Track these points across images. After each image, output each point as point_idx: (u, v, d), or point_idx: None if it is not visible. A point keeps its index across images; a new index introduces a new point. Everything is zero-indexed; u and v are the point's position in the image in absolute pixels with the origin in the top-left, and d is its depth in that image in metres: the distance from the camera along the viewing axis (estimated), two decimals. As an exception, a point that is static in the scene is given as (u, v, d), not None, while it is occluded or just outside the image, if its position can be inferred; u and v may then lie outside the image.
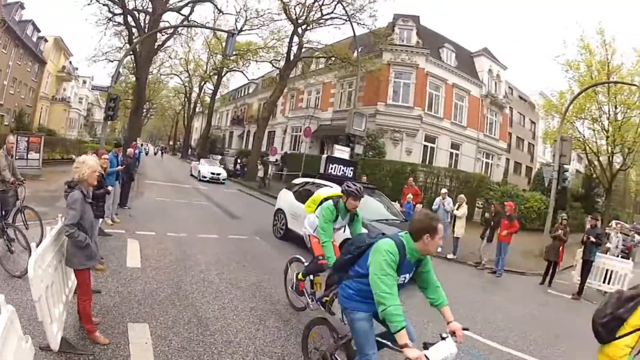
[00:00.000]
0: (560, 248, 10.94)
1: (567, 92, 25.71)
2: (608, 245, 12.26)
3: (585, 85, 22.58)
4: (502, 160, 35.00)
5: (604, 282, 10.79)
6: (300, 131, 31.81)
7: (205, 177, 26.16)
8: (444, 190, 13.65)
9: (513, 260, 12.39)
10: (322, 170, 11.64)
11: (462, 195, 12.99)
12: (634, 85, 19.90)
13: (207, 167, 27.31)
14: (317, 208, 5.78)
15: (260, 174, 27.49)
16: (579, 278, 10.63)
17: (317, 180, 10.90)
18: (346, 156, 15.08)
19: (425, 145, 28.94)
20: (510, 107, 37.14)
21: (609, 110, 25.36)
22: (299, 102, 38.97)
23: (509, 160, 38.15)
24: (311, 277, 5.55)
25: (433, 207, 12.82)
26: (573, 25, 33.06)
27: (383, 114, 27.93)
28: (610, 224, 23.45)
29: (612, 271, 10.76)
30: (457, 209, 12.50)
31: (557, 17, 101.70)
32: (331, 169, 11.60)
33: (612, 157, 26.72)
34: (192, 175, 28.24)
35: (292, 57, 30.31)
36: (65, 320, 3.92)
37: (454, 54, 31.09)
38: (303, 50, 29.77)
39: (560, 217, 11.50)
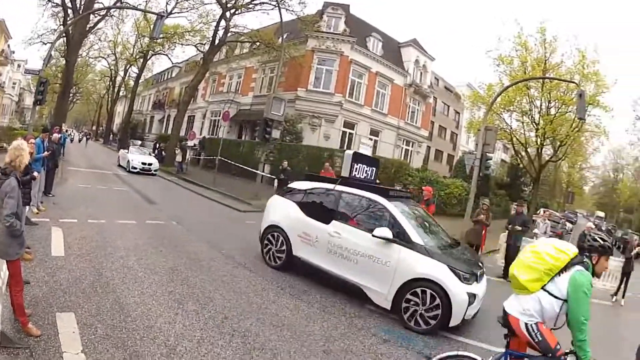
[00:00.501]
0: (483, 232, 11.32)
1: (496, 85, 26.83)
2: (536, 231, 12.93)
3: (516, 80, 23.89)
4: (422, 148, 36.31)
5: None
6: (220, 115, 31.61)
7: (135, 168, 22.88)
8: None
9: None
10: (346, 173, 7.60)
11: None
12: (573, 82, 20.86)
13: (137, 157, 23.98)
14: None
15: (179, 158, 26.97)
16: (503, 261, 11.16)
17: (344, 188, 7.26)
18: (369, 152, 11.30)
19: (344, 131, 29.63)
20: (434, 97, 38.48)
21: (540, 105, 26.75)
22: (220, 86, 38.94)
23: (430, 148, 39.62)
24: None
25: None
26: (511, 23, 35.66)
27: (303, 99, 28.30)
28: (538, 212, 24.96)
29: None
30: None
31: (492, 13, 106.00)
32: (356, 169, 7.83)
33: (542, 149, 28.15)
34: (120, 165, 25.07)
35: (217, 41, 29.79)
36: (1, 314, 3.84)
37: (381, 43, 31.70)
38: (229, 34, 29.30)
39: (482, 202, 11.98)
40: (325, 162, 16.42)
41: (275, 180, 17.46)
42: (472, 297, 5.72)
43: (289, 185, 8.34)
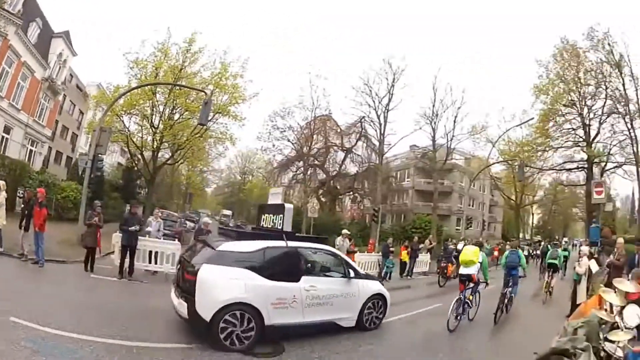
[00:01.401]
0: (98, 235, 11.38)
1: (124, 87, 26.07)
2: (149, 229, 13.28)
3: (143, 83, 24.21)
4: (45, 148, 32.80)
5: (149, 262, 12.06)
6: None
7: None
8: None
9: (53, 250, 12.38)
10: (287, 227, 7.70)
11: (3, 182, 11.76)
12: (203, 91, 21.64)
13: None
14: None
15: None
16: (119, 261, 11.42)
17: (297, 244, 7.31)
18: (278, 199, 9.36)
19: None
20: (65, 94, 35.80)
21: (164, 110, 27.52)
22: None
23: (52, 149, 36.47)
24: None
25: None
26: (164, 31, 35.90)
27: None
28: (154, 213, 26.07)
29: (158, 252, 12.16)
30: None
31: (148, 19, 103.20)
32: (263, 219, 8.59)
33: (158, 153, 29.03)
34: None
35: None
36: None
37: (40, 30, 27.97)
38: None
39: (95, 205, 12.32)
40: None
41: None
42: None
43: (222, 249, 6.58)
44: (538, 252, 29.60)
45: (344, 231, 15.81)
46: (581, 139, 31.62)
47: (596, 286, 9.78)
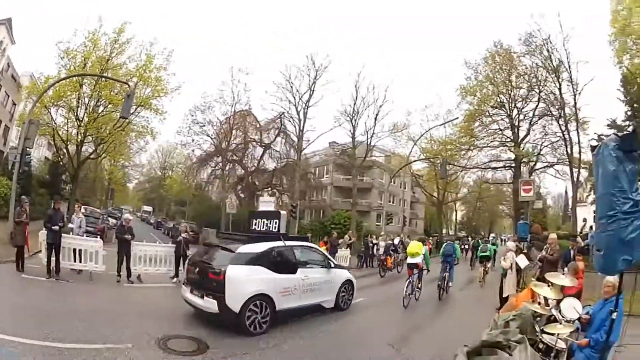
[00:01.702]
0: (25, 232, 10.96)
1: (54, 78, 24.72)
2: (70, 225, 12.58)
3: (71, 74, 23.21)
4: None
5: (75, 260, 11.40)
6: None
7: None
8: None
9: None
10: (282, 230, 9.57)
11: None
12: (127, 84, 21.21)
13: None
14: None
15: None
16: (47, 259, 10.88)
17: (291, 243, 9.22)
18: (271, 207, 12.03)
19: None
20: (0, 84, 33.14)
21: (89, 102, 26.39)
22: None
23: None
24: None
25: None
26: (95, 19, 33.62)
27: None
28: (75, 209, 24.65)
29: (81, 250, 11.52)
30: None
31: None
32: (256, 224, 10.24)
33: (82, 146, 27.90)
34: None
35: None
36: None
37: None
38: None
39: (22, 201, 11.49)
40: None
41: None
42: None
43: (240, 251, 7.86)
44: (466, 246, 31.64)
45: None
46: (509, 139, 33.17)
47: (528, 280, 10.30)
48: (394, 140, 38.52)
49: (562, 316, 5.07)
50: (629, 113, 20.26)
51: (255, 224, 10.21)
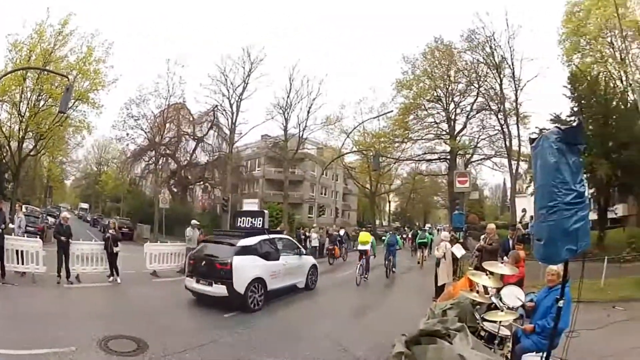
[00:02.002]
0: None
1: (2, 72, 23.44)
2: (11, 225, 12.20)
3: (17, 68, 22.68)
4: None
5: (17, 262, 11.05)
6: None
7: None
8: None
9: None
10: (266, 226, 11.58)
11: None
12: (65, 77, 20.61)
13: None
14: None
15: None
16: None
17: (273, 235, 11.50)
18: (255, 207, 15.34)
19: None
20: None
21: (31, 96, 25.64)
22: None
23: None
24: None
25: None
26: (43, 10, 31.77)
27: None
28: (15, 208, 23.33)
29: (22, 251, 11.21)
30: None
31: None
32: (240, 221, 12.00)
33: (23, 143, 26.99)
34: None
35: None
36: None
37: None
38: None
39: None
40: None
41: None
42: None
43: (241, 245, 9.68)
44: (404, 236, 33.20)
45: (193, 221, 15.69)
46: (444, 132, 34.33)
47: (465, 269, 10.61)
48: (327, 133, 39.25)
49: (504, 304, 5.19)
50: (575, 109, 21.24)
51: (241, 222, 11.96)
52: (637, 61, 22.95)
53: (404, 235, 33.47)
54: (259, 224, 11.40)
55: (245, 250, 9.57)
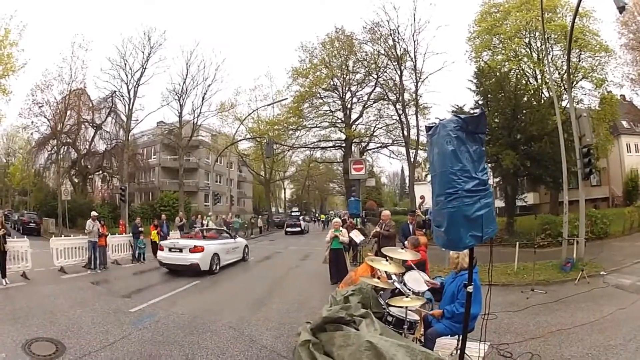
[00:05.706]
0: None
1: None
2: None
3: None
4: None
5: None
6: None
7: None
8: None
9: None
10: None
11: None
12: None
13: None
14: None
15: None
16: None
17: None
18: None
19: None
20: None
21: None
22: None
23: None
24: None
25: None
26: None
27: None
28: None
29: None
30: None
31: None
32: None
33: None
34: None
35: None
36: None
37: None
38: None
39: None
40: None
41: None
42: None
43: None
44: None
45: (93, 213, 15.06)
46: (340, 120, 35.07)
47: (364, 255, 10.83)
48: (221, 120, 39.73)
49: (408, 289, 5.28)
50: (480, 102, 22.32)
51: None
52: (557, 62, 24.65)
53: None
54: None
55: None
